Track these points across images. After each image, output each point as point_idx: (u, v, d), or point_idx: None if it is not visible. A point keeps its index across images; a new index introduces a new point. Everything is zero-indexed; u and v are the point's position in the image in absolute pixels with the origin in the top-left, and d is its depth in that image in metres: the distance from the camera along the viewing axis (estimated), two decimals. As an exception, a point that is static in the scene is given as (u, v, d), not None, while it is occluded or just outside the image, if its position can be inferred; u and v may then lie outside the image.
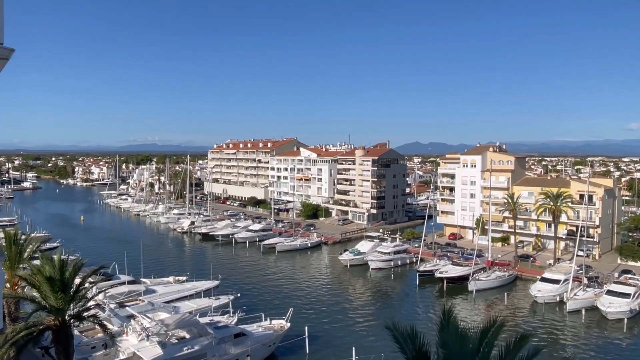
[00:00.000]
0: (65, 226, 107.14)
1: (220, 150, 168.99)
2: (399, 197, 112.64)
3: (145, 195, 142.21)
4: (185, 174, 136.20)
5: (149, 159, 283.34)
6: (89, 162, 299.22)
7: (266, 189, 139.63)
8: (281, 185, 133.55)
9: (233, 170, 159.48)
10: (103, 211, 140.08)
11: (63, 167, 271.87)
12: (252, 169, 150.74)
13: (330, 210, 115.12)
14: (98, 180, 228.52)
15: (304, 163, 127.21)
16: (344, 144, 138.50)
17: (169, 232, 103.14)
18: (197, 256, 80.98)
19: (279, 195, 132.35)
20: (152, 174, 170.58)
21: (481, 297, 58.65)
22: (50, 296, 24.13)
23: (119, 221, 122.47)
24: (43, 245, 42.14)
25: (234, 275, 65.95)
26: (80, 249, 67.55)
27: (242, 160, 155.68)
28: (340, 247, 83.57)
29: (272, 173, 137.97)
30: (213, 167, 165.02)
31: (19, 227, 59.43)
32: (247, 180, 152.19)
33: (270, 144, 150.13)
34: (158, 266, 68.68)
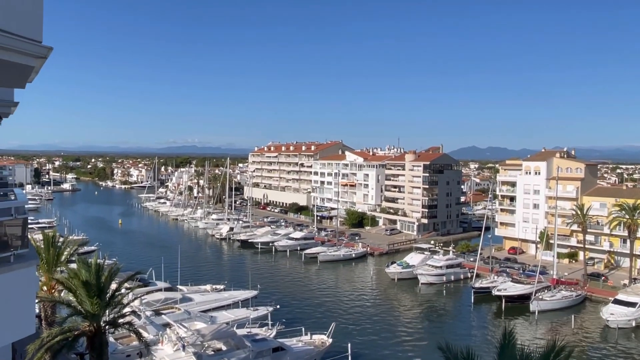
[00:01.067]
0: (103, 229, 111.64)
1: (262, 153, 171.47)
2: (453, 206, 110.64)
3: (183, 199, 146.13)
4: (224, 177, 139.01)
5: (188, 161, 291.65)
6: (128, 163, 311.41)
7: (309, 194, 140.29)
8: (325, 191, 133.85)
9: (274, 174, 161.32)
10: (141, 215, 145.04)
11: (102, 168, 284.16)
12: (294, 174, 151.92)
13: (377, 218, 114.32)
14: (137, 183, 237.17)
15: (349, 168, 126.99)
16: (392, 148, 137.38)
17: (207, 237, 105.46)
18: (236, 264, 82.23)
19: (322, 201, 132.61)
20: (191, 177, 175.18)
21: (545, 319, 56.47)
22: (86, 301, 25.08)
23: (157, 225, 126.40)
24: (80, 248, 43.87)
25: (273, 286, 66.44)
26: (117, 254, 70.16)
27: (284, 164, 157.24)
28: (387, 259, 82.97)
29: (315, 178, 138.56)
30: (253, 171, 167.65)
31: (58, 229, 62.41)
32: (289, 185, 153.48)
33: (314, 147, 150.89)
34: (195, 273, 70.25)
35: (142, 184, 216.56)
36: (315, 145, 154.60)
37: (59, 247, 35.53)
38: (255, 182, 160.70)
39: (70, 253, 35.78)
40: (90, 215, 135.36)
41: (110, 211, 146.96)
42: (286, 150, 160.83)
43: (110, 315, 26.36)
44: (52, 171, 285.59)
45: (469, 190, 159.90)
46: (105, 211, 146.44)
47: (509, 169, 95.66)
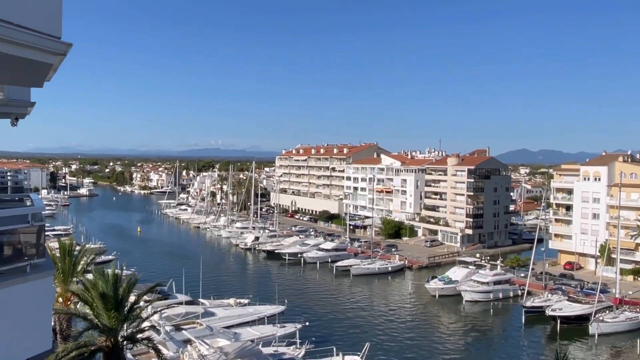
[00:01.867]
0: (121, 237, 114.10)
1: (289, 156, 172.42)
2: (501, 215, 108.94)
3: (206, 206, 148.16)
4: (249, 182, 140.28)
5: (211, 165, 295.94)
6: (147, 167, 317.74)
7: (340, 202, 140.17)
8: (358, 197, 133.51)
9: (303, 179, 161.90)
10: (161, 222, 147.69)
11: (121, 172, 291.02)
12: (325, 179, 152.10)
13: (416, 228, 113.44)
14: (156, 188, 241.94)
15: (385, 172, 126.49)
16: (433, 151, 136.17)
17: (230, 247, 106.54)
18: (261, 276, 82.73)
19: (355, 209, 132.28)
20: (214, 182, 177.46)
21: (606, 343, 54.80)
22: (103, 314, 25.61)
23: (178, 234, 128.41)
24: (97, 257, 44.94)
25: (302, 301, 66.57)
26: (135, 263, 71.52)
27: (314, 169, 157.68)
28: (427, 273, 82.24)
29: (347, 184, 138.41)
30: (281, 176, 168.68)
31: (74, 237, 64.05)
32: (319, 191, 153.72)
33: (347, 150, 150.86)
34: (218, 286, 71.01)
35: (162, 189, 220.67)
36: (348, 147, 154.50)
37: (75, 256, 36.40)
38: (282, 187, 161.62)
39: (86, 262, 36.62)
40: (107, 222, 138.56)
41: (128, 218, 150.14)
42: (316, 153, 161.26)
43: (128, 329, 26.82)
44: (68, 175, 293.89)
45: (519, 198, 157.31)
46: (124, 218, 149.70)
47: (564, 175, 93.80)
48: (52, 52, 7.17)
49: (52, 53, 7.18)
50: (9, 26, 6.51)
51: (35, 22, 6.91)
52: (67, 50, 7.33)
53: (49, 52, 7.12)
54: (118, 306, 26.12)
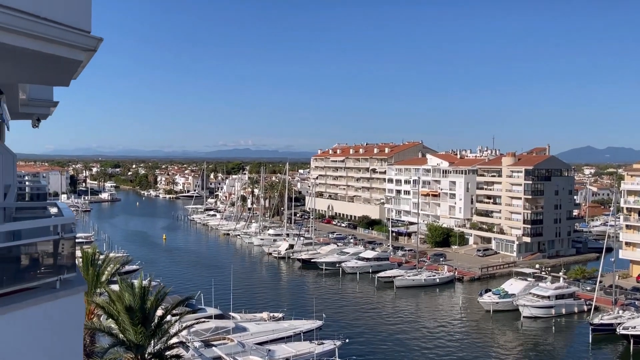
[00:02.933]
0: (146, 246, 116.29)
1: (326, 157, 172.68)
2: (563, 221, 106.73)
3: (236, 211, 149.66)
4: (283, 185, 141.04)
5: (241, 167, 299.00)
6: (172, 170, 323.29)
7: (382, 206, 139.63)
8: (401, 202, 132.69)
9: (341, 181, 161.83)
10: (188, 229, 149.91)
11: (144, 175, 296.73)
12: (365, 181, 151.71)
13: (467, 236, 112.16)
14: (183, 192, 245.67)
15: (431, 174, 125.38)
16: (485, 149, 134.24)
17: (262, 256, 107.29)
18: (296, 288, 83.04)
19: (399, 214, 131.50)
20: (245, 186, 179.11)
21: (688, 367, 52.71)
22: (130, 329, 26.02)
23: (206, 241, 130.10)
24: (121, 267, 45.83)
25: (340, 315, 66.49)
26: (160, 274, 72.65)
27: (353, 170, 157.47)
28: (479, 286, 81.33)
29: (390, 186, 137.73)
30: (316, 178, 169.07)
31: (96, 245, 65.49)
32: (358, 194, 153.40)
33: (388, 149, 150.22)
34: (250, 298, 71.48)
35: (189, 194, 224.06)
36: (390, 147, 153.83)
37: (98, 266, 37.23)
38: (318, 191, 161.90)
39: (110, 273, 37.37)
40: (131, 229, 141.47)
41: (153, 224, 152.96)
42: (355, 153, 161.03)
43: (156, 346, 27.17)
44: (89, 179, 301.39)
45: (583, 202, 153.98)
46: (148, 224, 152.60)
47: (636, 175, 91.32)
48: (82, 48, 7.19)
49: (81, 49, 7.20)
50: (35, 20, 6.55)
51: (63, 16, 6.93)
52: (97, 46, 7.35)
53: (78, 47, 7.14)
54: (145, 321, 26.50)
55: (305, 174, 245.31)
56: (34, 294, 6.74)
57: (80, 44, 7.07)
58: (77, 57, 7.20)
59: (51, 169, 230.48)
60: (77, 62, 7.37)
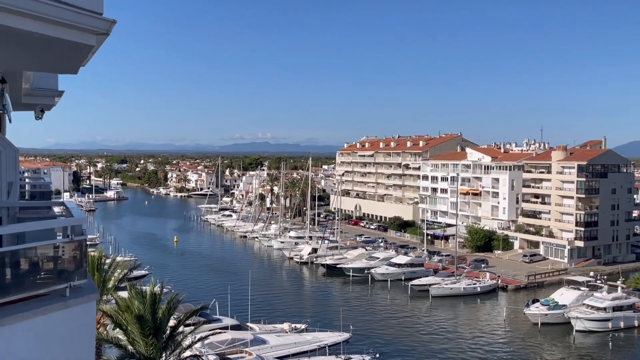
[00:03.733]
0: (155, 249, 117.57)
1: (353, 151, 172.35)
2: (621, 223, 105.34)
3: (253, 211, 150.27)
4: (305, 183, 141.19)
5: (259, 162, 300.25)
6: (184, 165, 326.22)
7: (416, 206, 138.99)
8: (438, 201, 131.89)
9: (370, 178, 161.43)
10: (201, 230, 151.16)
11: (153, 172, 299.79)
12: (397, 178, 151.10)
13: (511, 239, 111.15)
14: (195, 190, 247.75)
15: (471, 170, 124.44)
16: (533, 143, 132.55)
17: (283, 261, 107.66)
18: (321, 296, 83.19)
19: (434, 215, 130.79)
20: (263, 183, 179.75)
21: None
22: (139, 341, 26.30)
23: (221, 244, 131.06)
24: (130, 272, 46.25)
25: (370, 327, 66.36)
26: (172, 280, 73.31)
27: (383, 166, 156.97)
28: (526, 296, 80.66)
29: (424, 184, 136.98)
30: (342, 175, 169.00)
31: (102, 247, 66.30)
32: (389, 193, 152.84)
33: (423, 143, 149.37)
34: (269, 307, 71.86)
35: (202, 192, 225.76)
36: (425, 140, 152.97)
37: (105, 271, 37.69)
38: (344, 189, 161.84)
39: (118, 278, 37.82)
40: (139, 231, 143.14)
41: (163, 225, 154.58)
42: (386, 147, 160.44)
43: (168, 359, 27.39)
44: (93, 175, 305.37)
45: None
46: (158, 225, 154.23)
47: None
48: (93, 32, 7.22)
49: (92, 32, 7.23)
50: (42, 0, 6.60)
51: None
52: (110, 29, 7.38)
53: (89, 31, 7.17)
54: (156, 331, 26.77)
55: (330, 170, 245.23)
56: (41, 303, 6.80)
57: (92, 27, 7.10)
58: (88, 41, 7.24)
59: (52, 165, 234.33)
60: (88, 47, 7.41)
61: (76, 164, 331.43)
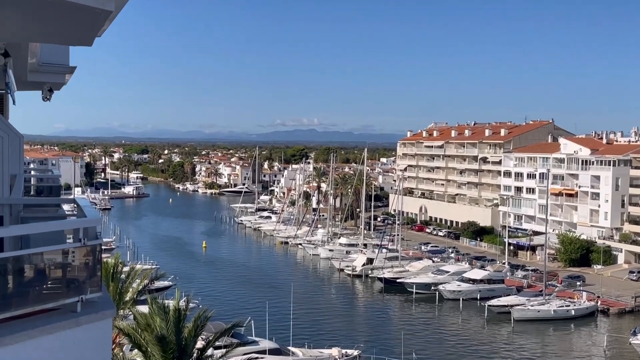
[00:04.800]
0: (181, 256, 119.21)
1: (418, 141, 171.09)
2: None
3: (297, 213, 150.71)
4: (359, 179, 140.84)
5: (304, 153, 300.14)
6: (215, 157, 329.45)
7: (495, 209, 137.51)
8: (523, 203, 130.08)
9: (438, 175, 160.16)
10: (234, 235, 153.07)
11: (179, 164, 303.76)
12: (472, 174, 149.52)
13: (615, 252, 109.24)
14: (228, 186, 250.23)
15: (565, 165, 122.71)
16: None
17: (332, 273, 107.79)
18: (377, 317, 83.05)
19: (518, 220, 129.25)
20: (309, 179, 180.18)
21: None
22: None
23: (257, 251, 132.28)
24: (151, 283, 47.11)
25: (437, 355, 66.20)
26: (200, 293, 74.30)
27: (455, 159, 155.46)
28: (632, 322, 79.16)
29: (506, 182, 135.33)
30: (404, 170, 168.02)
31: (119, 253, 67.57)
32: (463, 192, 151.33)
33: (505, 131, 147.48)
34: (315, 328, 72.21)
35: (236, 188, 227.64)
36: (508, 127, 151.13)
37: (122, 281, 38.38)
38: (407, 187, 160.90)
39: (137, 290, 38.46)
40: (162, 234, 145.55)
41: (190, 228, 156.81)
42: (459, 136, 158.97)
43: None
44: (109, 167, 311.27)
45: None
46: (184, 228, 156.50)
47: None
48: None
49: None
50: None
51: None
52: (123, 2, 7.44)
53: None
54: (181, 354, 27.05)
55: (390, 163, 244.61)
56: (48, 319, 6.84)
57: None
58: (106, 6, 7.28)
59: (62, 155, 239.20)
60: (106, 13, 7.45)
61: (89, 154, 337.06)
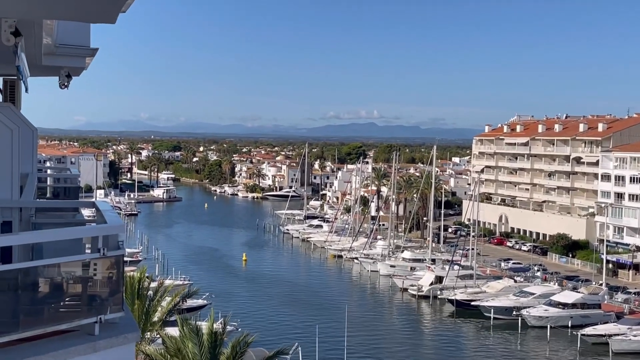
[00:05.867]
0: (217, 270, 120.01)
1: (497, 137, 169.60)
2: None
3: (352, 222, 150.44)
4: (427, 182, 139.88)
5: (362, 151, 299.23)
6: (258, 155, 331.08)
7: (591, 219, 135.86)
8: (625, 212, 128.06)
9: (522, 178, 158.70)
10: (279, 246, 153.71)
11: (216, 163, 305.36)
12: (564, 178, 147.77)
13: None
14: (272, 189, 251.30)
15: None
16: None
17: (394, 293, 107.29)
18: (447, 346, 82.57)
19: (619, 233, 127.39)
20: (367, 181, 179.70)
21: None
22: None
23: (306, 266, 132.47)
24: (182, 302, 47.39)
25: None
26: (239, 314, 74.57)
27: (543, 159, 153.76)
28: None
29: (605, 186, 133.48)
30: (481, 172, 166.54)
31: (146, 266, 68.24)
32: (552, 199, 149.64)
33: (604, 126, 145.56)
34: (373, 357, 71.98)
35: (282, 192, 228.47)
36: (607, 121, 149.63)
37: (149, 299, 38.71)
38: (484, 192, 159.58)
39: (167, 310, 38.77)
40: (195, 245, 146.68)
41: (228, 238, 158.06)
42: (547, 131, 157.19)
43: None
44: (136, 167, 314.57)
45: None
46: (221, 238, 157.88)
47: None
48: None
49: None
50: None
51: None
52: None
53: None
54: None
55: (464, 164, 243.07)
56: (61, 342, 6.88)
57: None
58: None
59: (82, 152, 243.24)
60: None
61: (113, 151, 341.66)
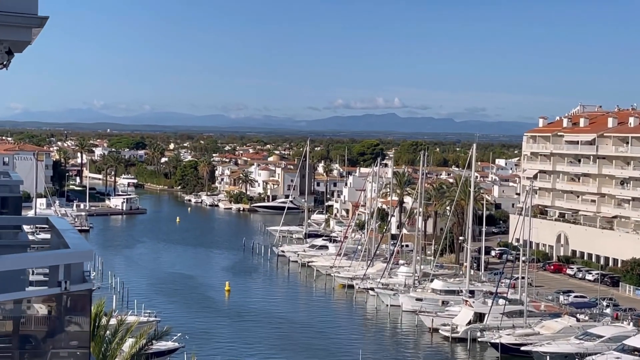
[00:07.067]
0: (192, 303, 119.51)
1: (554, 133, 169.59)
2: None
3: (367, 241, 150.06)
4: (463, 192, 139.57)
5: (379, 151, 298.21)
6: (245, 154, 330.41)
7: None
8: None
9: (587, 186, 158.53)
10: (272, 272, 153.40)
11: (191, 165, 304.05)
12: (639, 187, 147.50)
13: None
14: (263, 199, 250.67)
15: None
16: None
17: (420, 333, 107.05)
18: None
19: None
20: (386, 189, 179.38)
21: None
22: None
23: (307, 299, 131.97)
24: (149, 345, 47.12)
25: None
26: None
27: (613, 162, 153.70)
28: None
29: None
30: (534, 178, 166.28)
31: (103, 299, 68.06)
32: (624, 214, 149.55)
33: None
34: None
35: (276, 202, 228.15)
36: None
37: (107, 341, 38.59)
38: (538, 204, 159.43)
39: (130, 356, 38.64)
40: (165, 271, 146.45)
41: (206, 262, 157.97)
42: (620, 127, 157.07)
43: None
44: (87, 169, 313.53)
45: None
46: (197, 261, 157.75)
47: None
48: None
49: None
50: None
51: None
52: None
53: None
54: None
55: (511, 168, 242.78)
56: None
57: None
58: None
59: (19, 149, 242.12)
60: None
61: (58, 149, 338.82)
